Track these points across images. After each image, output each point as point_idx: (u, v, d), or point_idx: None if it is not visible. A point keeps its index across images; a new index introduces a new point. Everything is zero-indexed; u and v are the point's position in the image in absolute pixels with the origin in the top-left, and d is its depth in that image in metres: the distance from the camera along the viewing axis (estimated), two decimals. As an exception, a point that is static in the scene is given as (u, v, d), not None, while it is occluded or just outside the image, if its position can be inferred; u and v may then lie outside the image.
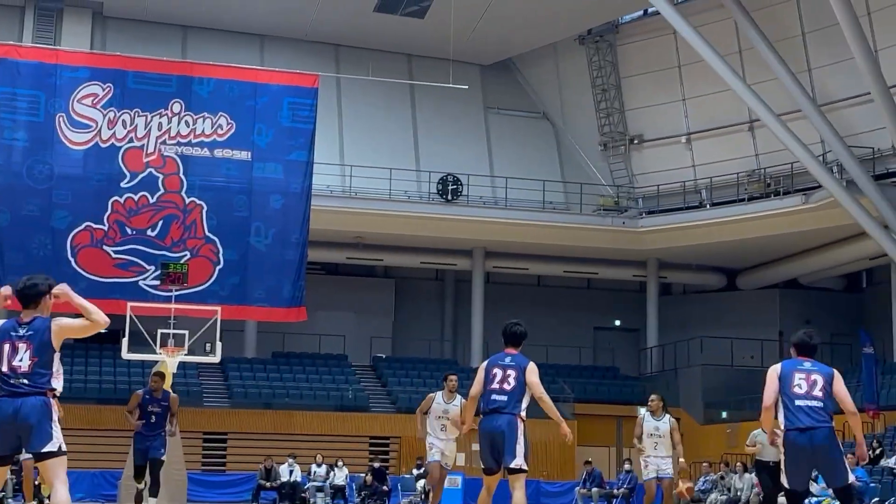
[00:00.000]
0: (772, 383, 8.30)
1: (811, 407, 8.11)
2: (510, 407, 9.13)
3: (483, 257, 34.83)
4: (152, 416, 13.80)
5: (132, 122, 24.77)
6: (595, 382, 35.11)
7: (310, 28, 33.89)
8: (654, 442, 13.74)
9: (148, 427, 13.78)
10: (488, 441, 9.18)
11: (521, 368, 9.22)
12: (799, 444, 8.02)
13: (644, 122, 35.11)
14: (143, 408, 13.81)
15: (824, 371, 8.34)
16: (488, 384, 9.18)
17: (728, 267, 36.53)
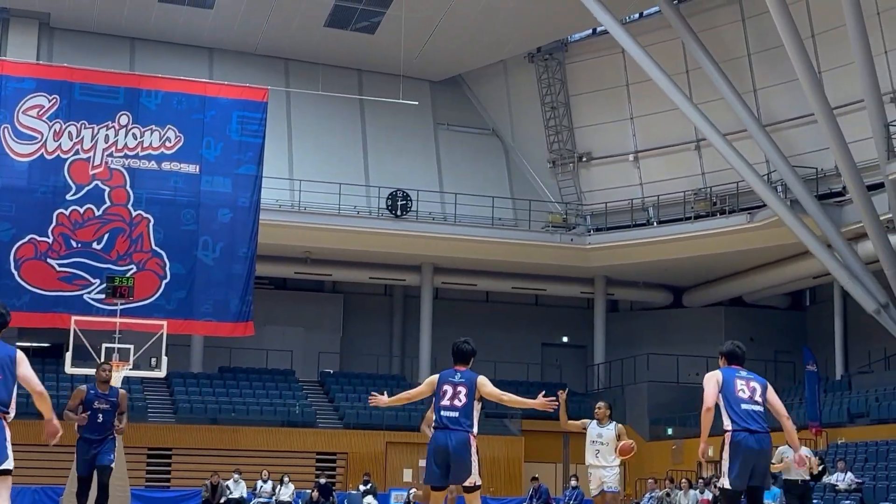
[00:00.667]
0: (714, 386, 8.64)
1: (755, 412, 8.49)
2: (462, 424, 9.17)
3: (432, 273, 34.86)
4: (99, 416, 11.77)
5: (78, 134, 24.54)
6: (542, 399, 35.17)
7: (259, 42, 33.80)
8: (596, 449, 13.68)
9: (94, 429, 11.76)
10: (439, 457, 9.16)
11: (472, 384, 9.29)
12: (747, 445, 8.29)
13: (592, 140, 35.37)
14: (88, 406, 11.79)
15: (759, 380, 8.77)
16: (438, 401, 9.21)
17: (674, 284, 36.86)
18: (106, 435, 11.84)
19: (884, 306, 27.73)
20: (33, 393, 7.16)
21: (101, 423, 11.80)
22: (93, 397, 11.85)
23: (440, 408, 9.14)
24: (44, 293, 23.71)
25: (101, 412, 11.78)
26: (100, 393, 11.91)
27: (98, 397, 11.88)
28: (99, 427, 11.77)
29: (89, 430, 11.73)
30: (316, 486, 27.33)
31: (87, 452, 11.87)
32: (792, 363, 35.08)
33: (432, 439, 9.19)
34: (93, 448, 11.82)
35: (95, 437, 11.82)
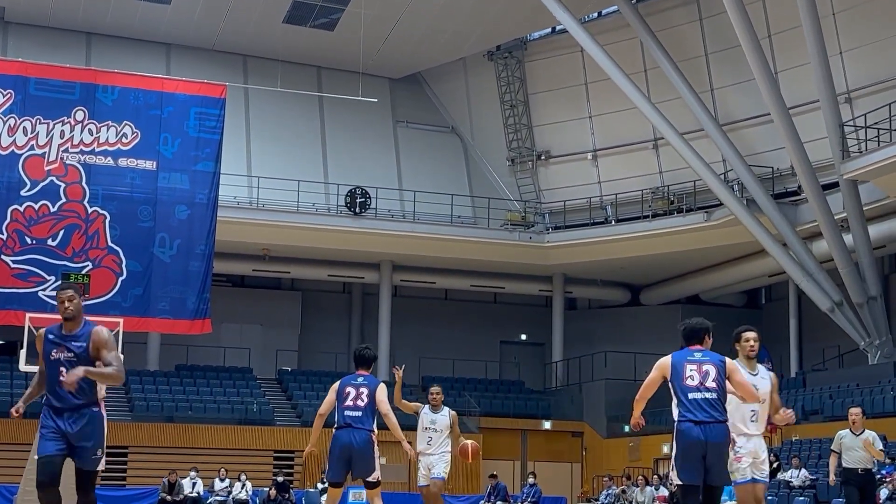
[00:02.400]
0: (656, 373, 8.62)
1: (705, 400, 8.02)
2: (364, 423, 9.80)
3: (391, 271, 34.83)
4: (61, 370, 7.16)
5: (33, 129, 24.28)
6: (501, 396, 35.30)
7: (217, 38, 33.59)
8: (429, 436, 13.24)
9: (56, 394, 7.23)
10: (342, 455, 9.83)
11: (373, 388, 9.90)
12: (691, 435, 7.90)
13: (551, 139, 35.48)
14: (46, 356, 7.32)
15: (715, 360, 8.24)
16: (341, 401, 9.87)
17: (632, 283, 37.06)
18: (78, 404, 7.23)
19: (838, 305, 28.06)
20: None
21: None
22: (49, 344, 7.28)
23: (343, 408, 9.81)
24: (-2, 290, 23.44)
25: (63, 365, 7.20)
26: (63, 335, 7.25)
27: (58, 343, 7.25)
28: (64, 390, 7.15)
29: (53, 395, 7.27)
30: (274, 484, 27.22)
31: (52, 434, 7.24)
32: (748, 361, 35.35)
33: (336, 437, 9.84)
34: (61, 424, 7.23)
35: (61, 405, 7.26)
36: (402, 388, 12.73)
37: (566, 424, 34.66)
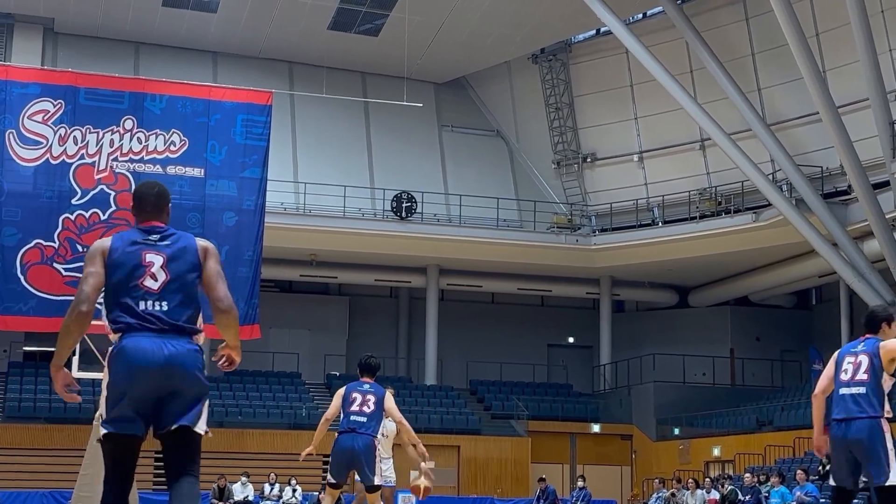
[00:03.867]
0: (828, 368, 7.61)
1: (851, 395, 7.32)
2: (369, 429, 10.24)
3: (437, 275, 34.87)
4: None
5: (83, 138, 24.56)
6: (549, 400, 35.21)
7: (264, 45, 33.83)
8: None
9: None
10: (345, 457, 10.25)
11: (380, 395, 10.35)
12: (835, 435, 7.33)
13: (597, 141, 35.36)
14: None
15: (869, 347, 7.43)
16: (347, 406, 10.27)
17: (680, 284, 36.83)
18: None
19: (890, 304, 27.70)
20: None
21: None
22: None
23: (349, 413, 10.20)
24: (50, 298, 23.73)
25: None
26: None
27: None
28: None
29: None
30: (323, 489, 27.32)
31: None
32: (798, 362, 35.03)
33: (338, 441, 10.29)
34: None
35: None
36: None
37: (615, 427, 34.50)
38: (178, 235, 5.27)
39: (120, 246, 5.14)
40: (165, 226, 5.33)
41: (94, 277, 5.12)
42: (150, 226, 5.24)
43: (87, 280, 5.14)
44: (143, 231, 5.21)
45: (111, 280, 5.10)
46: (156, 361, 4.96)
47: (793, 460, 26.71)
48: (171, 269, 5.12)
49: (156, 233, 5.20)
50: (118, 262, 5.10)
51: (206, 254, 5.30)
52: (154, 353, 4.97)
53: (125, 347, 5.01)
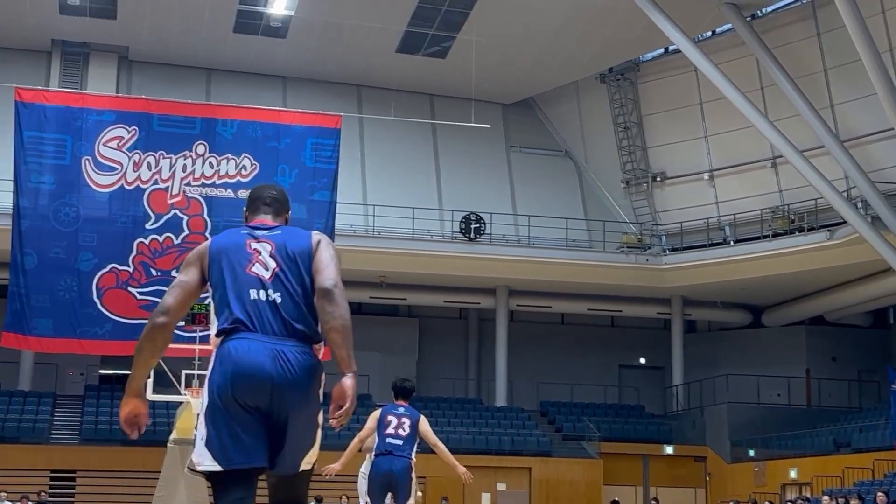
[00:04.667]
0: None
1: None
2: (405, 451, 10.36)
3: (507, 296, 34.79)
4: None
5: (157, 164, 24.97)
6: (621, 421, 34.89)
7: (332, 69, 34.13)
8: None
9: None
10: (384, 480, 10.42)
11: (415, 419, 10.50)
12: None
13: (666, 160, 35.10)
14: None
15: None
16: (382, 429, 10.44)
17: (753, 304, 36.34)
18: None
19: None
20: None
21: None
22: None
23: (385, 436, 10.38)
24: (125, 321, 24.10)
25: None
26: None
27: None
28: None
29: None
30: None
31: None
32: (876, 382, 34.33)
33: (376, 464, 10.48)
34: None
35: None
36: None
37: (688, 449, 34.07)
38: (287, 227, 4.62)
39: (220, 240, 4.52)
40: (277, 224, 4.63)
41: (180, 289, 4.41)
42: (260, 223, 4.59)
43: (172, 290, 4.42)
44: (249, 227, 4.58)
45: (214, 278, 4.39)
46: (264, 371, 4.16)
47: (872, 482, 26.14)
48: (282, 257, 4.41)
49: (263, 228, 4.54)
50: (220, 253, 4.42)
51: (318, 242, 4.54)
52: (263, 361, 4.17)
53: (227, 352, 4.21)
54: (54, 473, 27.86)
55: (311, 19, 31.40)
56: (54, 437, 29.42)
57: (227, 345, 4.22)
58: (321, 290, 4.36)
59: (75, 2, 30.57)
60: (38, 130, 24.70)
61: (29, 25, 31.47)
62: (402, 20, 31.64)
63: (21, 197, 24.70)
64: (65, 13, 31.07)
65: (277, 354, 4.19)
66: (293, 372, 4.19)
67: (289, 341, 4.25)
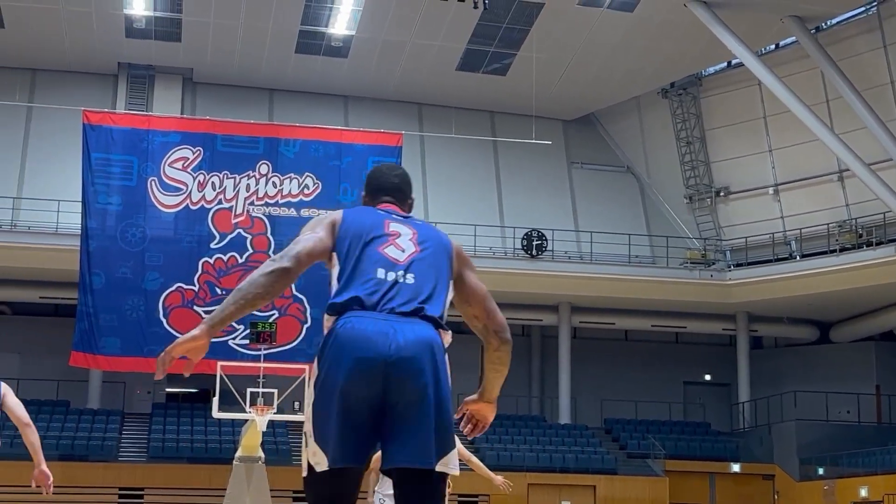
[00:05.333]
0: None
1: None
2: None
3: (569, 312, 34.61)
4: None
5: (221, 184, 25.28)
6: (686, 438, 34.50)
7: (393, 88, 34.32)
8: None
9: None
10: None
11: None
12: None
13: (730, 174, 34.78)
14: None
15: None
16: None
17: (821, 319, 35.79)
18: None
19: None
20: (21, 424, 6.81)
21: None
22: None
23: None
24: (191, 340, 24.35)
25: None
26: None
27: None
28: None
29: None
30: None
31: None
32: (949, 399, 33.64)
33: None
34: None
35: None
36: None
37: (756, 467, 33.59)
38: (423, 222, 4.20)
39: (356, 213, 4.09)
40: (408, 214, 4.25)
41: (314, 243, 3.94)
42: (391, 209, 4.19)
43: (305, 241, 3.94)
44: (383, 209, 4.17)
45: (342, 249, 3.93)
46: (381, 353, 3.70)
47: None
48: (422, 245, 4.01)
49: (398, 214, 4.15)
50: (354, 225, 4.00)
51: (460, 257, 4.21)
52: (380, 341, 3.72)
53: (338, 333, 3.76)
54: (122, 491, 28.18)
55: (371, 39, 31.64)
56: (122, 454, 29.78)
57: (337, 325, 3.80)
58: (505, 343, 4.32)
59: (141, 25, 31.10)
60: (105, 152, 25.14)
61: (96, 49, 32.04)
62: (462, 38, 31.75)
63: (89, 218, 25.14)
64: (131, 36, 31.61)
65: (394, 332, 3.74)
66: (411, 348, 3.75)
67: (410, 318, 3.83)
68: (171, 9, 30.70)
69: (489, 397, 4.28)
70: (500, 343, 4.26)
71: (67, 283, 27.79)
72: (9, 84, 31.67)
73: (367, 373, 3.67)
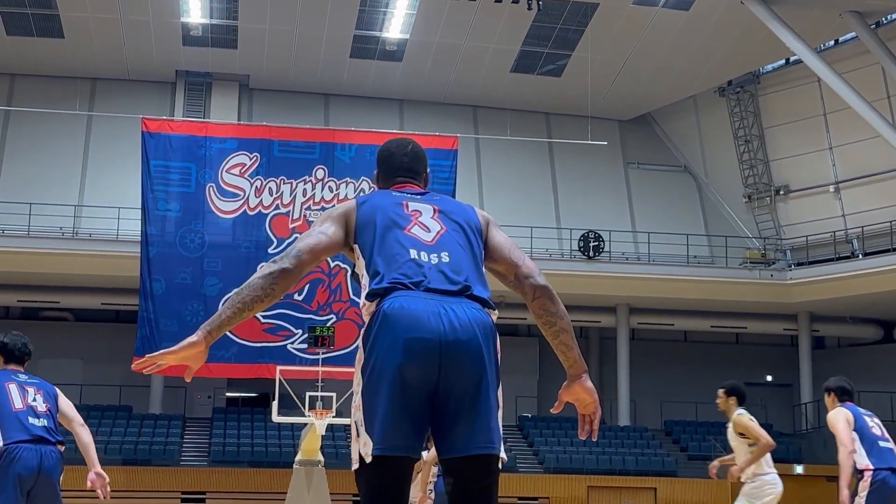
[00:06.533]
0: (845, 425, 8.52)
1: (890, 450, 8.19)
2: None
3: (627, 314, 34.39)
4: None
5: (278, 189, 25.43)
6: (747, 440, 34.11)
7: (448, 91, 34.33)
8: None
9: None
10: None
11: None
12: (891, 485, 7.80)
13: (789, 172, 34.35)
14: None
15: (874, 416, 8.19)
16: None
17: (884, 318, 35.23)
18: None
19: None
20: (75, 425, 6.89)
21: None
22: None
23: None
24: (250, 344, 24.54)
25: None
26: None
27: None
28: None
29: None
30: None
31: None
32: None
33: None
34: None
35: None
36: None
37: (820, 469, 33.08)
38: (441, 195, 4.12)
39: (372, 198, 3.98)
40: (426, 190, 4.15)
41: (319, 238, 3.84)
42: (406, 188, 4.12)
43: (310, 238, 3.84)
44: (397, 190, 4.10)
45: (365, 237, 3.82)
46: (436, 332, 3.55)
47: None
48: (446, 221, 3.94)
49: (416, 193, 4.07)
50: (373, 211, 3.89)
51: (487, 221, 4.16)
52: (433, 321, 3.57)
53: (387, 314, 3.59)
54: (185, 495, 28.45)
55: (425, 42, 31.69)
56: (184, 459, 30.07)
57: (384, 306, 3.60)
58: (538, 288, 3.96)
59: (198, 33, 31.41)
60: (163, 159, 25.39)
61: (154, 57, 32.42)
62: (516, 40, 31.69)
63: (149, 224, 25.40)
64: (188, 44, 31.95)
65: (445, 311, 3.58)
66: (466, 329, 3.58)
67: (458, 298, 3.65)
68: (228, 16, 30.98)
69: (573, 371, 4.03)
70: (534, 289, 3.96)
71: (128, 290, 28.13)
72: (70, 93, 32.14)
73: (422, 354, 3.51)
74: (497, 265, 4.01)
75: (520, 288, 3.98)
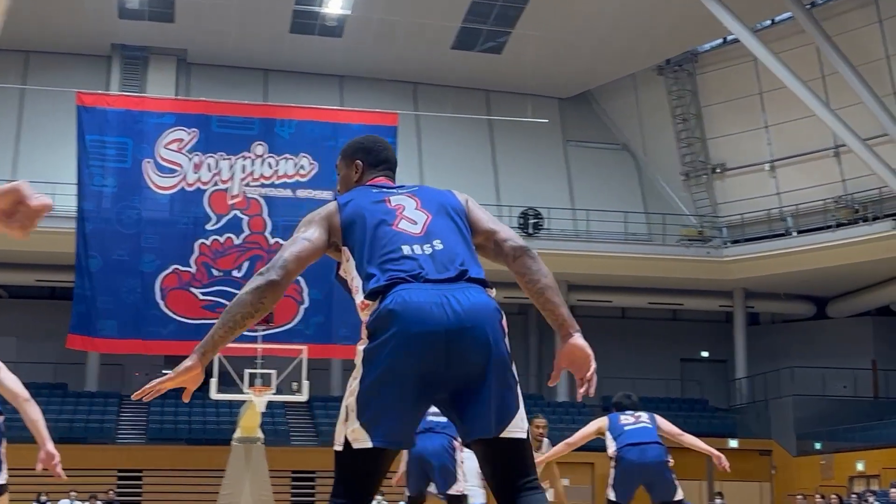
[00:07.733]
0: (591, 428, 9.63)
1: (641, 428, 9.50)
2: (448, 427, 8.81)
3: (566, 290, 34.59)
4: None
5: (217, 165, 25.19)
6: (683, 415, 34.53)
7: (388, 67, 34.21)
8: None
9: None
10: (418, 465, 9.11)
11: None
12: (629, 457, 9.15)
13: (726, 151, 34.74)
14: None
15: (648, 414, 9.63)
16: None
17: (817, 295, 35.85)
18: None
19: None
20: (20, 400, 6.26)
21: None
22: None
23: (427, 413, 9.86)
24: (188, 321, 24.35)
25: None
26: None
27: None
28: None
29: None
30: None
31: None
32: (946, 374, 33.74)
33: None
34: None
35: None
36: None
37: (753, 443, 33.68)
38: (418, 185, 4.09)
39: (353, 198, 3.94)
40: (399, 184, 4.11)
41: (303, 245, 3.83)
42: (383, 182, 4.09)
43: (294, 246, 3.82)
44: (374, 185, 4.05)
45: (353, 238, 3.82)
46: (441, 324, 3.53)
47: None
48: (430, 209, 3.91)
49: (393, 187, 4.03)
50: (358, 211, 3.87)
51: (467, 199, 4.09)
52: (437, 312, 3.56)
53: (390, 308, 3.56)
54: (121, 473, 28.24)
55: (366, 18, 31.52)
56: (120, 436, 29.84)
57: (386, 301, 3.58)
58: (517, 248, 4.02)
59: (134, 6, 30.96)
60: (99, 134, 25.03)
61: (89, 30, 31.90)
62: (456, 17, 31.64)
63: (84, 200, 25.06)
64: (124, 17, 31.48)
65: (448, 300, 3.58)
66: (470, 315, 3.59)
67: (457, 284, 3.68)
68: (165, -11, 30.57)
69: (564, 330, 4.00)
70: (514, 249, 4.03)
71: (64, 266, 27.77)
72: (1, 67, 31.55)
73: (429, 347, 3.50)
74: (476, 237, 4.02)
75: (500, 252, 4.05)
